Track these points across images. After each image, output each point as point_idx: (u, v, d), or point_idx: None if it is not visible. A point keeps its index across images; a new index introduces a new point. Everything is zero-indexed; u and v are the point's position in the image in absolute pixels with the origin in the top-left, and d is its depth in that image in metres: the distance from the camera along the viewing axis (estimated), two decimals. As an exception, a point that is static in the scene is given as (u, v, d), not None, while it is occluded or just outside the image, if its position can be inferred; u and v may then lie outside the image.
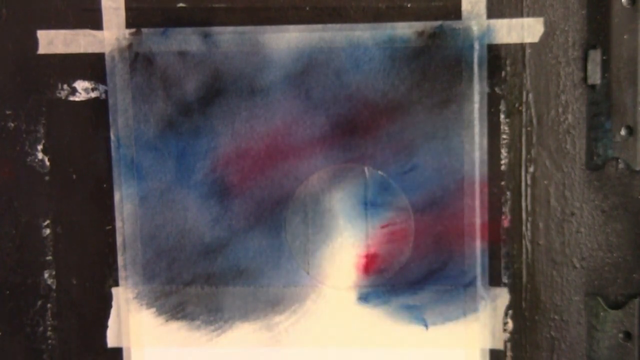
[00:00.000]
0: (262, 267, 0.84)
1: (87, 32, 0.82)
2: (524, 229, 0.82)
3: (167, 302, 0.85)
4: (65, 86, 0.83)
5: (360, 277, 0.83)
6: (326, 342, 0.84)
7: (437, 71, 0.80)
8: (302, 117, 0.82)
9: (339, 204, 0.83)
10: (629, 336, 0.81)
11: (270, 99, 0.81)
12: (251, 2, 0.81)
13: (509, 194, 0.81)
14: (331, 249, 0.83)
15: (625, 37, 0.78)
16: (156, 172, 0.83)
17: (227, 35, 0.81)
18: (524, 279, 0.82)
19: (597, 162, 0.80)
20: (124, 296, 0.85)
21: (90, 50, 0.82)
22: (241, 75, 0.81)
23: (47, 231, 0.85)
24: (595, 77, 0.79)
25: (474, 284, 0.82)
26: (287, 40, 0.81)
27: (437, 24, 0.79)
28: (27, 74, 0.83)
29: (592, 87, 0.79)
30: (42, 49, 0.83)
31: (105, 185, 0.84)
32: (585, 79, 0.79)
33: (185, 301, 0.85)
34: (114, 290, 0.85)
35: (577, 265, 0.82)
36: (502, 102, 0.80)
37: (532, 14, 0.79)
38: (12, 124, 0.84)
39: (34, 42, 0.83)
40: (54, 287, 0.86)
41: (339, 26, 0.80)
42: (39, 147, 0.84)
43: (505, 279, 0.82)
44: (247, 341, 0.85)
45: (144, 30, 0.82)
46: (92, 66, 0.82)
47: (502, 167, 0.81)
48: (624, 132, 0.78)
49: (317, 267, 0.83)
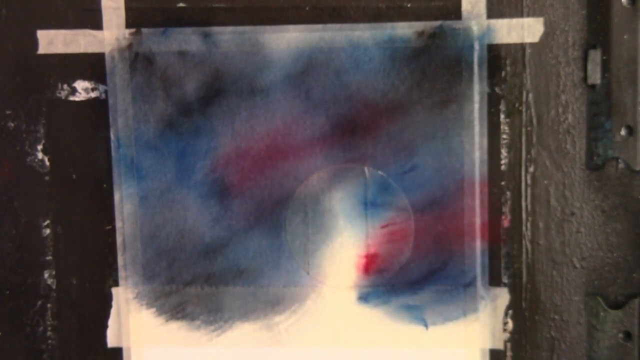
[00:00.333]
0: (262, 267, 0.84)
1: (87, 32, 0.82)
2: (524, 229, 0.82)
3: (167, 302, 0.85)
4: (65, 86, 0.83)
5: (360, 277, 0.83)
6: (326, 342, 0.84)
7: (437, 71, 0.80)
8: (302, 117, 0.82)
9: (339, 204, 0.83)
10: (629, 336, 0.80)
11: (270, 99, 0.81)
12: (251, 2, 0.81)
13: (509, 194, 0.81)
14: (331, 249, 0.83)
15: (625, 37, 0.78)
16: (156, 172, 0.83)
17: (227, 35, 0.81)
18: (524, 279, 0.82)
19: (597, 162, 0.80)
20: (124, 296, 0.85)
21: (90, 50, 0.82)
22: (241, 75, 0.81)
23: (47, 231, 0.85)
24: (595, 77, 0.79)
25: (474, 284, 0.82)
26: (287, 40, 0.81)
27: (437, 24, 0.79)
28: (27, 74, 0.83)
29: (592, 87, 0.79)
30: (42, 49, 0.83)
31: (105, 185, 0.84)
32: (585, 79, 0.79)
33: (185, 301, 0.85)
34: (114, 290, 0.85)
35: (577, 265, 0.82)
36: (502, 102, 0.80)
37: (532, 14, 0.79)
38: (12, 124, 0.84)
39: (34, 42, 0.83)
40: (54, 287, 0.86)
41: (339, 26, 0.80)
42: (39, 147, 0.84)
43: (505, 279, 0.82)
44: (247, 341, 0.85)
45: (144, 30, 0.82)
46: (92, 66, 0.82)
47: (502, 167, 0.81)
48: (624, 132, 0.78)
49: (317, 267, 0.83)
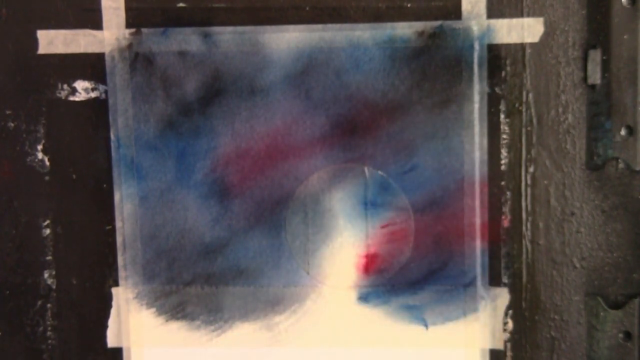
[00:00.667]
0: (262, 267, 0.84)
1: (87, 32, 0.82)
2: (524, 229, 0.82)
3: (167, 302, 0.85)
4: (65, 86, 0.83)
5: (360, 277, 0.83)
6: (326, 342, 0.84)
7: (437, 71, 0.80)
8: (302, 117, 0.82)
9: (339, 204, 0.83)
10: (629, 336, 0.80)
11: (270, 99, 0.81)
12: (251, 2, 0.81)
13: (509, 194, 0.81)
14: (331, 249, 0.83)
15: (625, 37, 0.78)
16: (156, 172, 0.83)
17: (227, 35, 0.81)
18: (524, 279, 0.82)
19: (597, 162, 0.80)
20: (124, 296, 0.85)
21: (90, 50, 0.82)
22: (241, 75, 0.81)
23: (47, 231, 0.85)
24: (595, 77, 0.79)
25: (474, 284, 0.82)
26: (287, 40, 0.81)
27: (437, 24, 0.79)
28: (27, 74, 0.83)
29: (592, 87, 0.79)
30: (42, 49, 0.83)
31: (105, 185, 0.84)
32: (585, 79, 0.79)
33: (185, 301, 0.85)
34: (114, 290, 0.85)
35: (577, 265, 0.82)
36: (502, 102, 0.80)
37: (532, 14, 0.79)
38: (12, 124, 0.84)
39: (34, 42, 0.83)
40: (54, 287, 0.86)
41: (339, 26, 0.80)
42: (39, 147, 0.84)
43: (505, 279, 0.82)
44: (247, 341, 0.85)
45: (144, 30, 0.82)
46: (92, 66, 0.82)
47: (502, 167, 0.81)
48: (624, 132, 0.78)
49: (317, 267, 0.83)
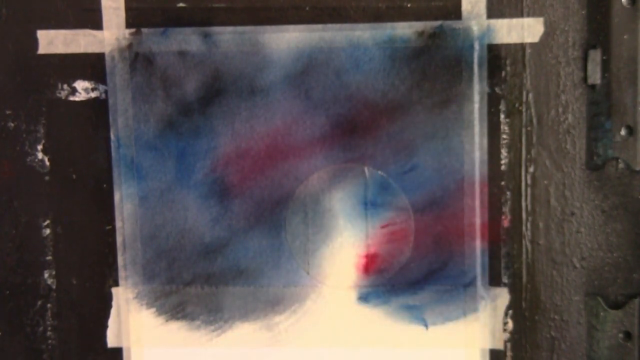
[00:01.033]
0: (262, 267, 0.84)
1: (87, 32, 0.82)
2: (524, 229, 0.82)
3: (167, 302, 0.85)
4: (65, 86, 0.83)
5: (360, 277, 0.83)
6: (326, 342, 0.84)
7: (437, 71, 0.80)
8: (302, 117, 0.82)
9: (339, 204, 0.83)
10: (629, 336, 0.80)
11: (270, 99, 0.81)
12: (251, 2, 0.81)
13: (509, 194, 0.81)
14: (331, 249, 0.83)
15: (625, 37, 0.78)
16: (156, 172, 0.83)
17: (227, 35, 0.81)
18: (524, 279, 0.82)
19: (597, 162, 0.80)
20: (124, 296, 0.85)
21: (90, 50, 0.82)
22: (241, 75, 0.81)
23: (47, 231, 0.85)
24: (595, 77, 0.79)
25: (474, 284, 0.82)
26: (287, 40, 0.81)
27: (437, 24, 0.79)
28: (27, 74, 0.83)
29: (592, 87, 0.79)
30: (42, 49, 0.83)
31: (105, 185, 0.84)
32: (585, 79, 0.79)
33: (185, 301, 0.85)
34: (114, 290, 0.85)
35: (577, 265, 0.82)
36: (502, 102, 0.80)
37: (532, 14, 0.79)
38: (12, 124, 0.84)
39: (34, 42, 0.83)
40: (54, 287, 0.86)
41: (339, 26, 0.80)
42: (39, 147, 0.84)
43: (505, 279, 0.82)
44: (247, 341, 0.85)
45: (144, 30, 0.82)
46: (92, 66, 0.82)
47: (502, 167, 0.81)
48: (624, 132, 0.78)
49: (317, 267, 0.83)
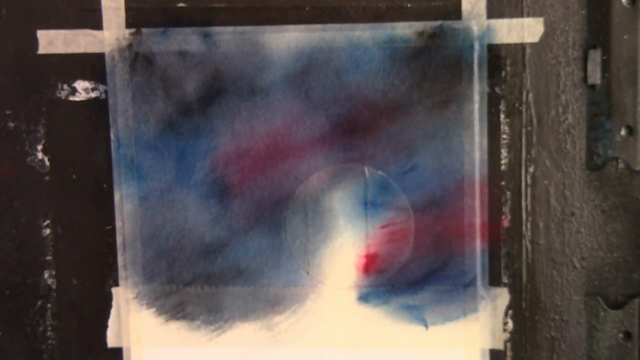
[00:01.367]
0: (262, 267, 0.84)
1: (87, 32, 0.82)
2: (524, 229, 0.82)
3: (167, 302, 0.85)
4: (65, 86, 0.83)
5: (360, 277, 0.83)
6: (326, 342, 0.84)
7: (437, 71, 0.80)
8: (302, 117, 0.82)
9: (339, 204, 0.83)
10: (629, 336, 0.80)
11: (270, 99, 0.81)
12: (251, 2, 0.81)
13: (509, 194, 0.81)
14: (331, 249, 0.83)
15: (625, 37, 0.78)
16: (156, 172, 0.83)
17: (227, 35, 0.81)
18: (524, 279, 0.82)
19: (597, 162, 0.80)
20: (124, 296, 0.85)
21: (90, 50, 0.82)
22: (241, 75, 0.81)
23: (47, 231, 0.85)
24: (595, 77, 0.79)
25: (474, 284, 0.82)
26: (287, 40, 0.81)
27: (437, 24, 0.79)
28: (27, 74, 0.83)
29: (592, 87, 0.79)
30: (42, 49, 0.83)
31: (105, 185, 0.84)
32: (585, 79, 0.79)
33: (185, 301, 0.85)
34: (114, 290, 0.85)
35: (577, 265, 0.82)
36: (502, 102, 0.80)
37: (532, 14, 0.79)
38: (12, 124, 0.84)
39: (34, 42, 0.83)
40: (54, 287, 0.86)
41: (339, 26, 0.80)
42: (39, 147, 0.84)
43: (505, 279, 0.82)
44: (247, 341, 0.85)
45: (144, 30, 0.82)
46: (92, 66, 0.82)
47: (502, 167, 0.81)
48: (624, 132, 0.78)
49: (317, 267, 0.83)
